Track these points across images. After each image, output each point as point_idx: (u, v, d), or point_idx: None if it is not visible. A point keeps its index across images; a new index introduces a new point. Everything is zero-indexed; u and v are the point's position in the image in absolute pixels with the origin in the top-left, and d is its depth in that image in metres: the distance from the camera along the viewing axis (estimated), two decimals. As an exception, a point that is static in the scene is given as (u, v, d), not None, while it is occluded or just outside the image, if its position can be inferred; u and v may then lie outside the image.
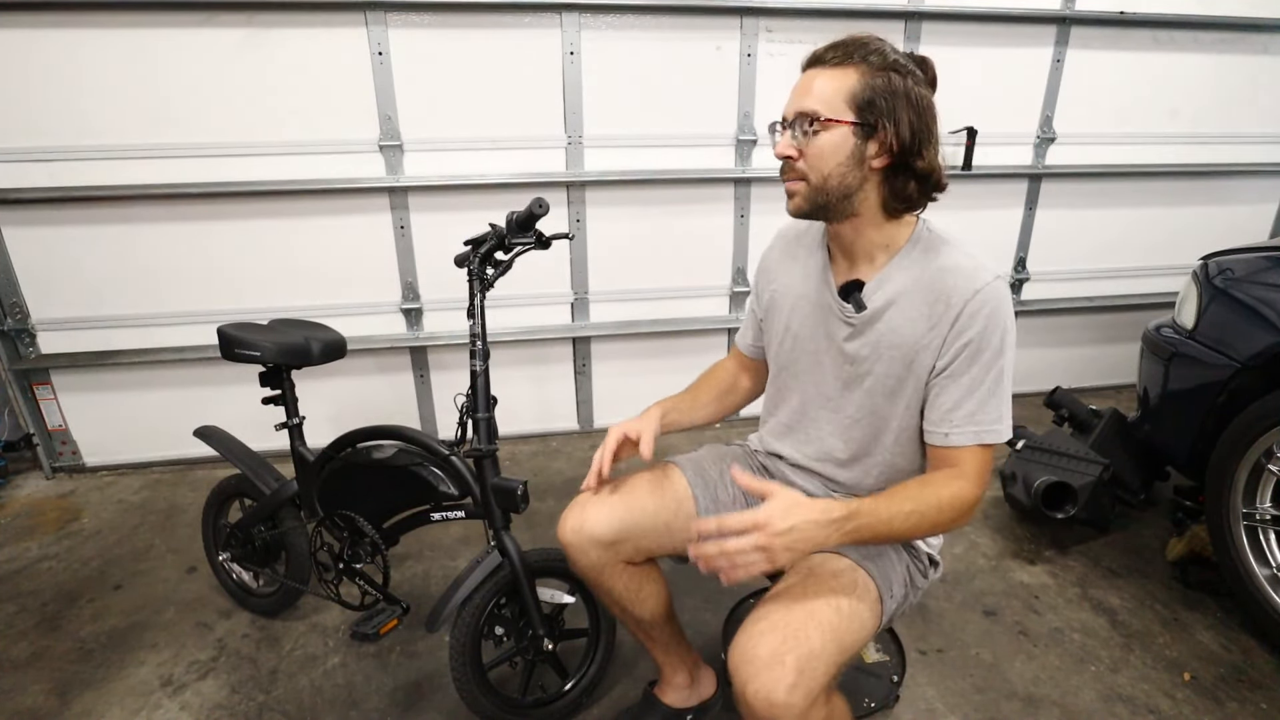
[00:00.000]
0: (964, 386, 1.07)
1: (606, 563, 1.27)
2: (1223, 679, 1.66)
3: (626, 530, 1.25)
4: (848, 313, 1.15)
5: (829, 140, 1.05)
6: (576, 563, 1.28)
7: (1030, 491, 2.11)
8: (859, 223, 1.12)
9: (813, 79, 1.06)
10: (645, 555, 1.31)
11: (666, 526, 1.27)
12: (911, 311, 1.10)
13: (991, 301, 1.05)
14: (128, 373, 2.65)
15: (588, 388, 2.99)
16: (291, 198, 2.53)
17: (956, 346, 1.07)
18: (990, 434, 1.08)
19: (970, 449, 1.08)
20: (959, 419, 1.08)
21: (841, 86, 1.04)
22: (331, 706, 1.62)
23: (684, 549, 1.29)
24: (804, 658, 0.96)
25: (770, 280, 1.33)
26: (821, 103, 1.04)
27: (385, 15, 2.40)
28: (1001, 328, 1.06)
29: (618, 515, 1.24)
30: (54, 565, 2.15)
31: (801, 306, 1.24)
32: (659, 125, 2.69)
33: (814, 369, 1.23)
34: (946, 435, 1.09)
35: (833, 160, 1.05)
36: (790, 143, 1.07)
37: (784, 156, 1.08)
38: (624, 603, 1.33)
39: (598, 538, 1.24)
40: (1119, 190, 3.14)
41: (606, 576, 1.29)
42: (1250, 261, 1.92)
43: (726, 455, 1.40)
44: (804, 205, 1.10)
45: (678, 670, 1.47)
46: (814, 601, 1.03)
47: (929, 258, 1.10)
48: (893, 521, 1.01)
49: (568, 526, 1.26)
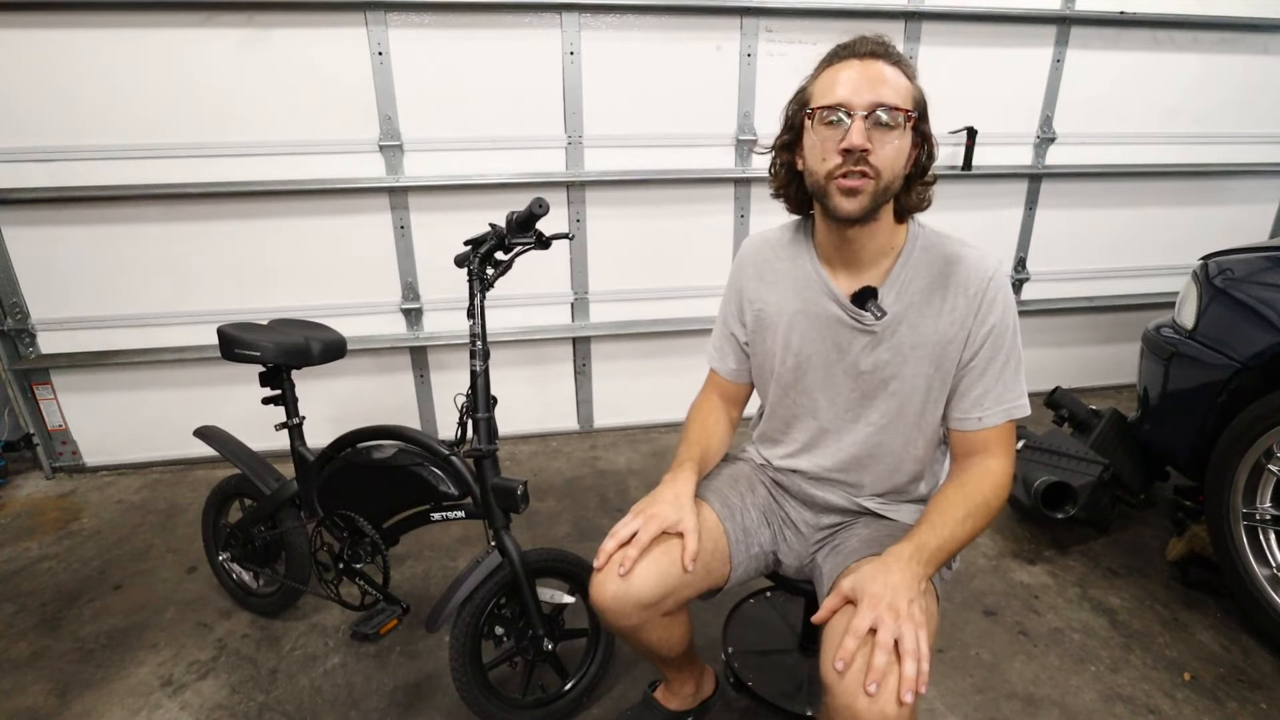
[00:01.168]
0: (994, 373, 1.10)
1: (646, 621, 1.17)
2: (1223, 679, 1.66)
3: (672, 586, 1.14)
4: (866, 322, 1.12)
5: (906, 140, 1.03)
6: (614, 625, 1.17)
7: (1030, 491, 2.11)
8: (876, 228, 1.10)
9: (883, 69, 1.01)
10: (683, 604, 1.23)
11: (705, 569, 1.18)
12: (931, 309, 1.10)
13: (1003, 286, 1.09)
14: (128, 373, 2.65)
15: (588, 388, 2.99)
16: (291, 198, 2.53)
17: (981, 334, 1.09)
18: (1018, 409, 1.12)
19: (1000, 428, 1.12)
20: (989, 402, 1.11)
21: (908, 87, 1.03)
22: (331, 706, 1.62)
23: (718, 584, 1.24)
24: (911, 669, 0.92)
25: (752, 300, 1.25)
26: (901, 98, 1.01)
27: (385, 15, 2.40)
28: (1012, 308, 1.11)
29: (664, 573, 1.13)
30: (54, 565, 2.15)
31: (800, 323, 1.19)
32: (659, 125, 2.69)
33: (826, 385, 1.20)
34: (980, 419, 1.12)
35: (901, 160, 1.04)
36: (865, 132, 1.00)
37: (862, 148, 0.99)
38: (655, 649, 1.27)
39: (643, 601, 1.12)
40: (1119, 190, 3.14)
41: (643, 632, 1.20)
42: (1250, 261, 1.92)
43: (739, 477, 1.34)
44: (868, 204, 1.03)
45: (685, 682, 1.46)
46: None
47: (934, 254, 1.11)
48: (955, 538, 1.04)
49: (608, 593, 1.12)
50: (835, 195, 1.04)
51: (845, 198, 1.03)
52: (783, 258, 1.22)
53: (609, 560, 1.13)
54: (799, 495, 1.31)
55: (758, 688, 1.53)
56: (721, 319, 1.34)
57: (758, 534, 1.28)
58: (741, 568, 1.26)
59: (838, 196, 1.04)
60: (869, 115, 1.00)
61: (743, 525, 1.26)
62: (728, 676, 1.61)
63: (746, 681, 1.55)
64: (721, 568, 1.23)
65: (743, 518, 1.27)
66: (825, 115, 1.02)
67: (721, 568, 1.23)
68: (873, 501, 1.25)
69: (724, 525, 1.24)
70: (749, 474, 1.36)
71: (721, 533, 1.23)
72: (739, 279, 1.28)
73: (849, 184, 1.02)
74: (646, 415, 3.07)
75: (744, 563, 1.26)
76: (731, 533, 1.24)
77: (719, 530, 1.23)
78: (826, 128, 1.03)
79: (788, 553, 1.30)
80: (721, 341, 1.35)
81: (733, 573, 1.24)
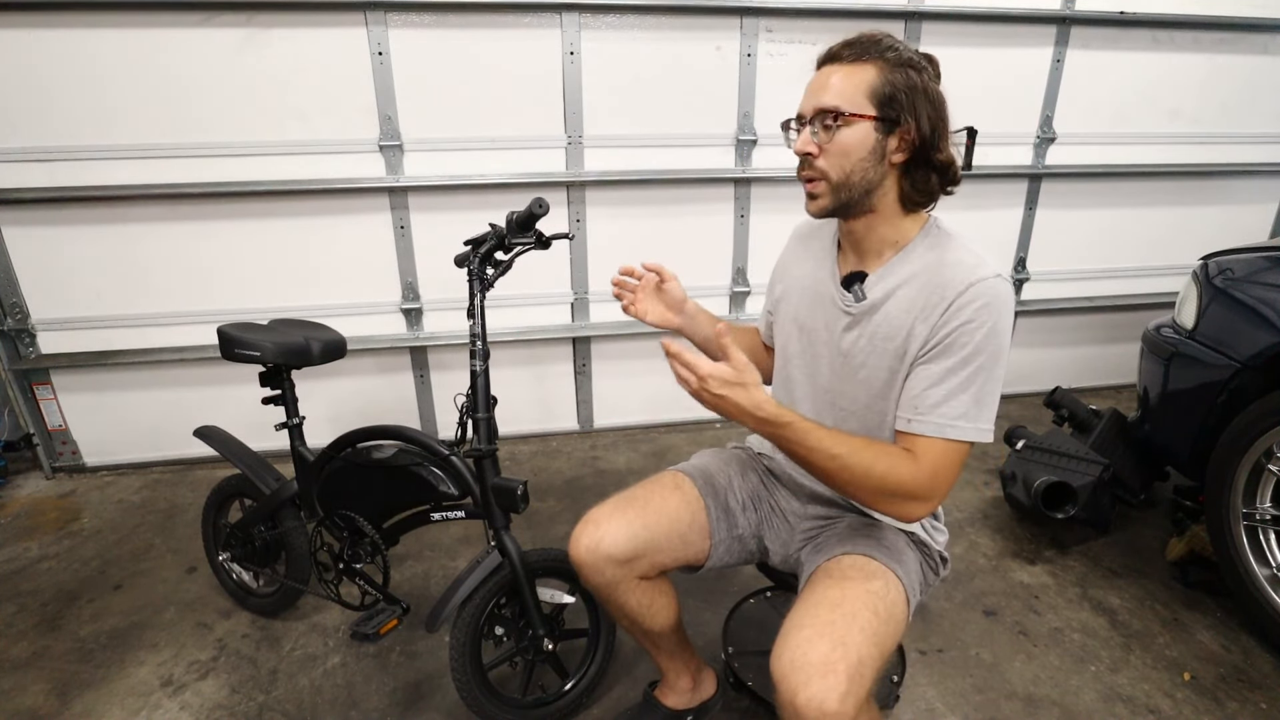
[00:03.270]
0: (933, 375, 1.04)
1: (621, 580, 1.23)
2: (1223, 679, 1.66)
3: (642, 547, 1.21)
4: (847, 302, 1.15)
5: (851, 136, 1.04)
6: (590, 580, 1.24)
7: (1030, 491, 2.11)
8: (874, 219, 1.11)
9: (829, 75, 1.05)
10: (659, 570, 1.28)
11: (681, 539, 1.25)
12: (905, 303, 1.09)
13: (983, 297, 1.01)
14: (128, 373, 2.65)
15: (588, 388, 2.99)
16: (291, 198, 2.53)
17: (940, 334, 1.04)
18: (953, 429, 1.02)
19: (929, 441, 1.03)
20: (924, 407, 1.04)
21: (861, 81, 1.03)
22: (331, 706, 1.62)
23: (696, 560, 1.28)
24: (854, 665, 0.94)
25: (782, 277, 1.34)
26: (842, 98, 1.03)
27: (385, 15, 2.40)
28: (989, 326, 1.01)
29: (634, 532, 1.21)
30: (54, 565, 2.15)
31: (805, 297, 1.24)
32: (659, 125, 2.68)
33: (812, 361, 1.23)
34: (909, 421, 1.06)
35: (855, 156, 1.05)
36: (810, 139, 1.06)
37: (804, 153, 1.07)
38: (635, 617, 1.30)
39: (614, 556, 1.20)
40: (1119, 190, 3.14)
41: (620, 593, 1.26)
42: (1250, 261, 1.92)
43: (731, 461, 1.39)
44: (827, 204, 1.09)
45: (681, 675, 1.47)
46: (855, 605, 1.01)
47: (934, 253, 1.10)
48: (814, 453, 0.99)
49: (581, 545, 1.21)
50: (806, 198, 1.12)
51: (808, 199, 1.12)
52: (816, 239, 1.28)
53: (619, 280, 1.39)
54: (787, 482, 1.33)
55: (758, 688, 1.53)
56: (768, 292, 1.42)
57: (742, 516, 1.31)
58: (723, 546, 1.29)
59: (806, 199, 1.12)
60: (813, 121, 1.06)
61: (725, 505, 1.30)
62: (728, 676, 1.61)
63: (746, 681, 1.55)
64: (700, 542, 1.27)
65: (727, 498, 1.31)
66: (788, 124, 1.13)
67: (700, 542, 1.27)
68: None
69: (705, 501, 1.29)
70: (744, 460, 1.40)
71: (701, 508, 1.28)
72: (784, 257, 1.37)
73: (807, 188, 1.11)
74: (646, 415, 3.07)
75: (725, 542, 1.29)
76: (712, 509, 1.28)
77: (698, 505, 1.28)
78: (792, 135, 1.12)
79: (774, 540, 1.33)
80: (765, 309, 1.45)
81: (713, 550, 1.28)
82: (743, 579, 2.01)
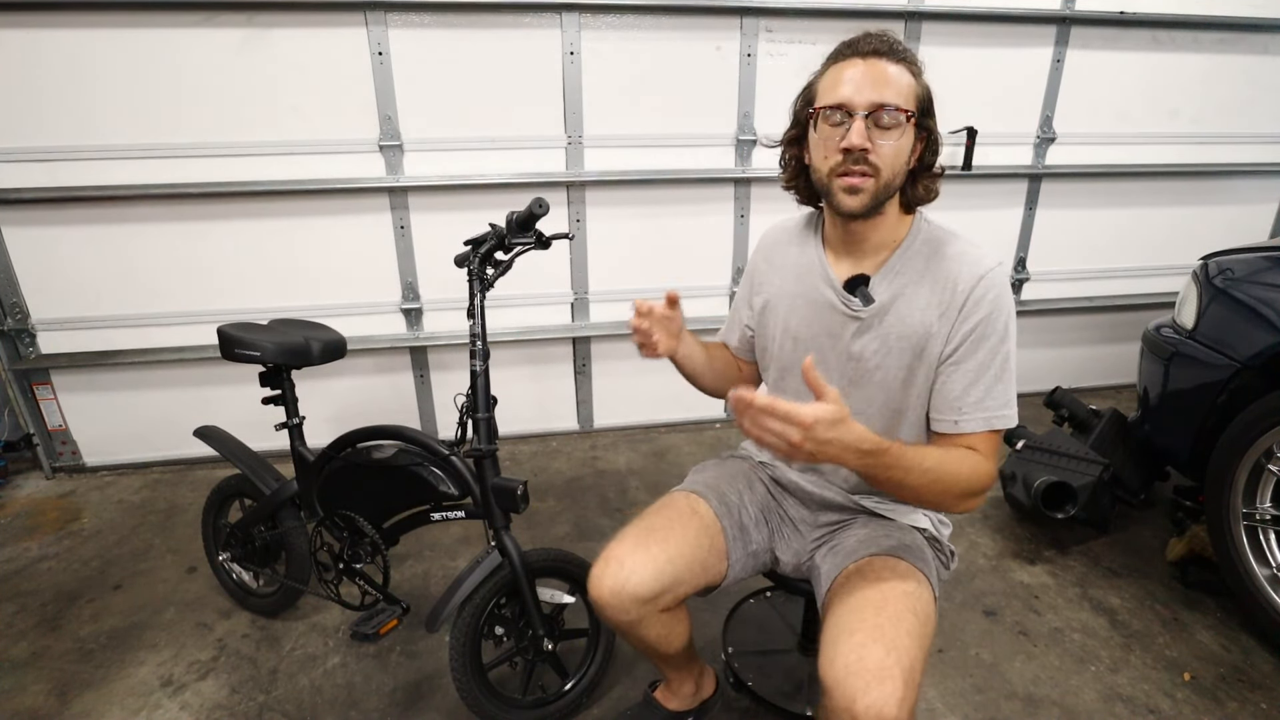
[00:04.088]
0: (971, 372, 1.07)
1: (645, 616, 1.19)
2: (1223, 679, 1.66)
3: (668, 583, 1.17)
4: (854, 307, 1.14)
5: (907, 138, 1.04)
6: (613, 620, 1.20)
7: (1030, 491, 2.11)
8: (881, 220, 1.11)
9: (886, 69, 1.02)
10: (681, 600, 1.24)
11: (702, 566, 1.21)
12: (919, 301, 1.10)
13: (996, 287, 1.06)
14: (128, 373, 2.65)
15: (588, 388, 2.99)
16: (291, 198, 2.53)
17: (963, 331, 1.06)
18: (999, 419, 1.07)
19: (981, 435, 1.08)
20: (968, 405, 1.07)
21: (910, 83, 1.03)
22: (331, 706, 1.62)
23: (714, 582, 1.25)
24: (907, 669, 0.93)
25: (761, 287, 1.30)
26: (901, 96, 1.02)
27: (385, 15, 2.40)
28: (1006, 313, 1.06)
29: (660, 568, 1.16)
30: (54, 565, 2.15)
31: (799, 307, 1.21)
32: (659, 125, 2.69)
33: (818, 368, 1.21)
34: (956, 423, 1.08)
35: (903, 158, 1.05)
36: (864, 133, 1.02)
37: (862, 148, 1.02)
38: (655, 646, 1.28)
39: (641, 597, 1.15)
40: (1119, 190, 3.14)
41: (642, 629, 1.22)
42: (1250, 261, 1.92)
43: (738, 474, 1.35)
44: (869, 202, 1.06)
45: (685, 682, 1.46)
46: (898, 608, 1.00)
47: (932, 248, 1.11)
48: (910, 473, 0.98)
49: (606, 587, 1.15)
50: (838, 192, 1.07)
51: (847, 195, 1.06)
52: (793, 245, 1.26)
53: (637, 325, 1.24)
54: (796, 491, 1.31)
55: (758, 688, 1.53)
56: (736, 301, 1.40)
57: (755, 531, 1.29)
58: (739, 564, 1.27)
59: (840, 194, 1.06)
60: (870, 115, 1.02)
61: (740, 523, 1.28)
62: (728, 676, 1.61)
63: (746, 681, 1.55)
64: (719, 564, 1.24)
65: (740, 515, 1.28)
66: (828, 114, 1.05)
67: (719, 564, 1.24)
68: (870, 500, 1.25)
69: (721, 523, 1.25)
70: (747, 471, 1.37)
71: (719, 530, 1.24)
72: (754, 263, 1.34)
73: (850, 181, 1.05)
74: (646, 415, 3.07)
75: (741, 560, 1.27)
76: (729, 530, 1.25)
77: (716, 528, 1.24)
78: (829, 126, 1.05)
79: (785, 550, 1.31)
80: (731, 320, 1.42)
81: (730, 570, 1.25)
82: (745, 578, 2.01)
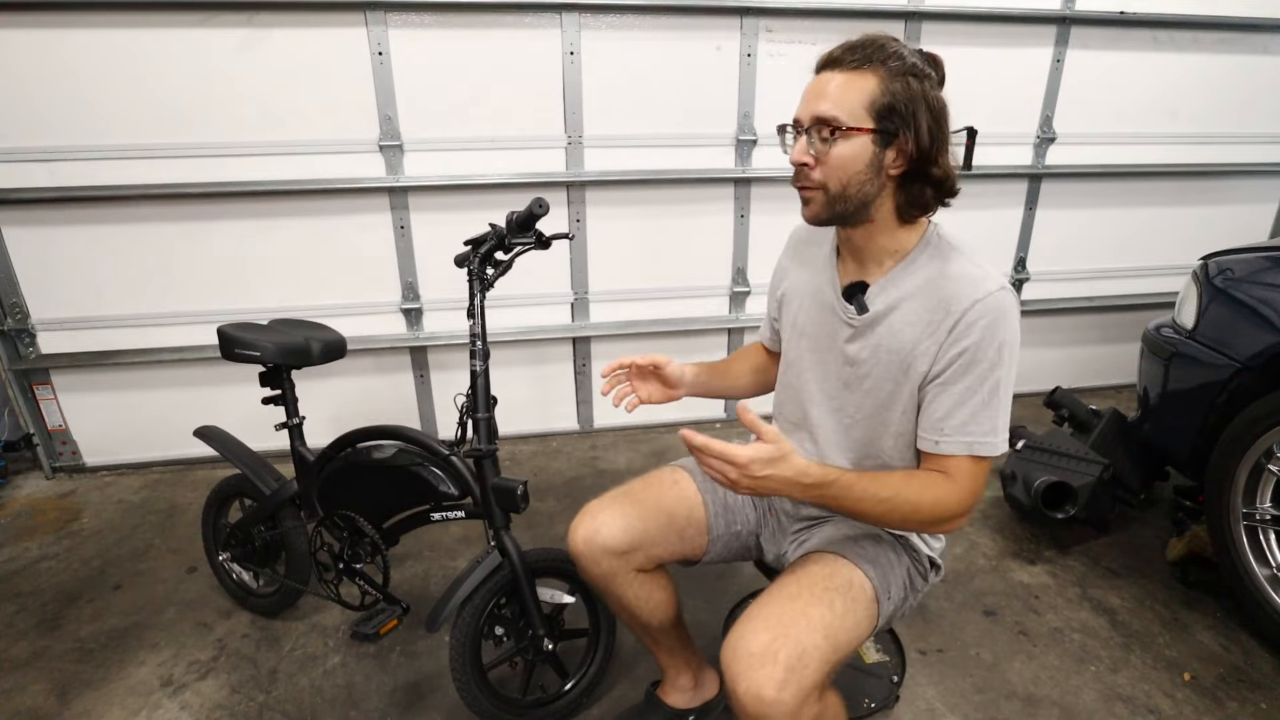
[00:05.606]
0: (956, 396, 1.04)
1: (618, 571, 1.25)
2: (1223, 679, 1.67)
3: (639, 539, 1.23)
4: (849, 314, 1.14)
5: (849, 149, 1.00)
6: (587, 571, 1.27)
7: (1030, 491, 2.11)
8: (872, 229, 1.09)
9: (829, 82, 1.01)
10: (656, 563, 1.30)
11: (679, 534, 1.27)
12: (911, 316, 1.08)
13: (991, 313, 1.01)
14: (128, 373, 2.65)
15: (588, 388, 2.99)
16: (292, 198, 2.53)
17: (951, 355, 1.03)
18: (982, 446, 1.04)
19: (961, 459, 1.05)
20: (950, 429, 1.05)
21: (861, 91, 0.99)
22: (331, 706, 1.62)
23: (694, 554, 1.30)
24: (794, 655, 0.96)
25: (782, 280, 1.33)
26: (841, 109, 1.00)
27: (385, 15, 2.40)
28: (999, 340, 1.01)
29: (630, 524, 1.23)
30: (54, 565, 2.15)
31: (807, 305, 1.23)
32: (659, 125, 2.68)
33: (818, 366, 1.22)
34: (937, 444, 1.07)
35: (852, 169, 1.02)
36: (805, 150, 1.03)
37: (799, 164, 1.04)
38: (633, 610, 1.32)
39: (610, 547, 1.22)
40: (1119, 190, 3.14)
41: (617, 585, 1.27)
42: (1250, 261, 1.92)
43: None
44: (820, 213, 1.07)
45: (682, 672, 1.47)
46: (808, 599, 1.03)
47: (936, 264, 1.08)
48: (862, 503, 1.01)
49: (579, 536, 1.24)
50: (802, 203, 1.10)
51: (803, 205, 1.09)
52: (816, 242, 1.26)
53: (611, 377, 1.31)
54: None
55: (758, 688, 1.53)
56: (770, 295, 1.40)
57: (741, 512, 1.32)
58: (721, 542, 1.30)
59: (802, 204, 1.10)
60: (810, 129, 1.03)
61: (724, 501, 1.31)
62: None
63: (746, 681, 1.55)
64: (698, 537, 1.28)
65: (725, 494, 1.31)
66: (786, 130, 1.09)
67: (698, 537, 1.28)
68: None
69: (703, 496, 1.30)
70: None
71: (700, 503, 1.29)
72: (783, 256, 1.35)
73: (802, 194, 1.08)
74: (646, 415, 3.07)
75: (723, 538, 1.30)
76: (711, 505, 1.29)
77: (697, 500, 1.29)
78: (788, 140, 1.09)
79: (769, 540, 1.34)
80: (766, 317, 1.42)
81: (710, 545, 1.30)
82: (742, 579, 2.01)
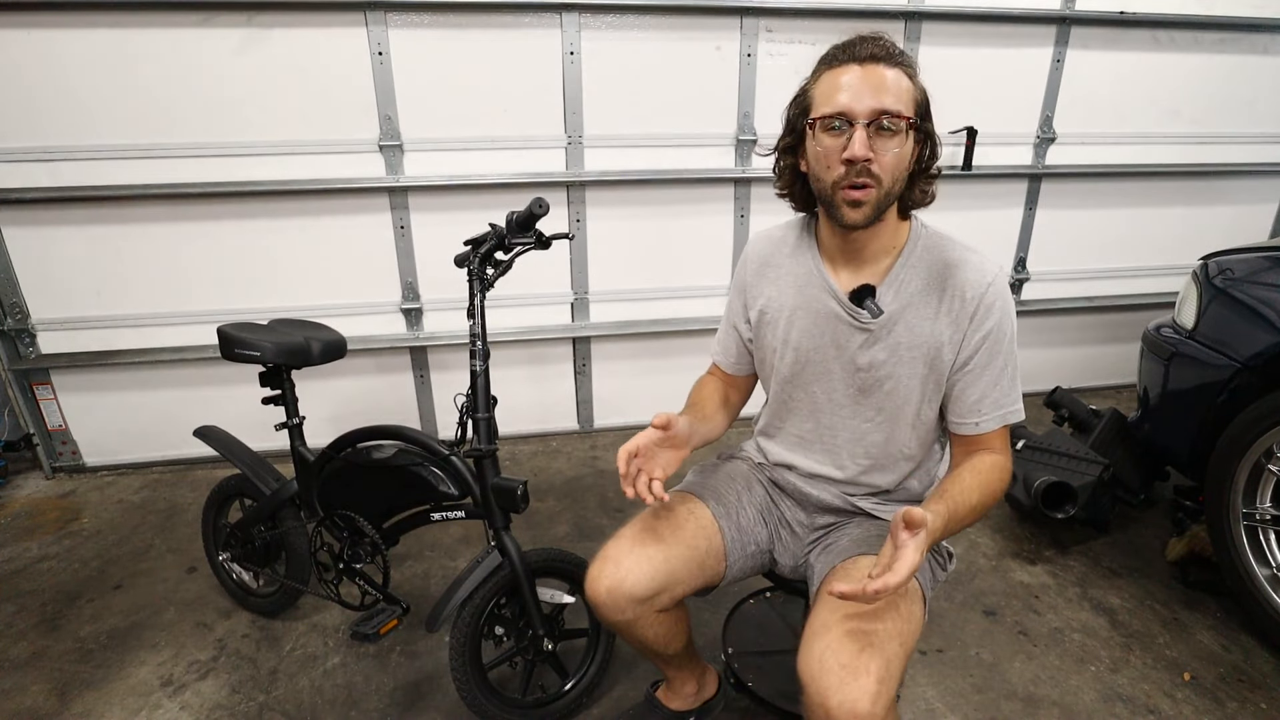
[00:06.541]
0: (988, 380, 1.11)
1: (641, 616, 1.19)
2: (1223, 679, 1.66)
3: (664, 582, 1.17)
4: (863, 319, 1.12)
5: (906, 144, 1.02)
6: (608, 619, 1.20)
7: (1030, 491, 2.11)
8: (881, 227, 1.09)
9: (883, 75, 0.99)
10: (678, 600, 1.24)
11: (700, 566, 1.21)
12: (927, 310, 1.10)
13: (1002, 293, 1.09)
14: (128, 373, 2.65)
15: (588, 388, 2.99)
16: (291, 198, 2.53)
17: (976, 340, 1.09)
18: (1013, 414, 1.13)
19: (998, 431, 1.14)
20: (986, 409, 1.12)
21: (908, 86, 1.01)
22: (331, 706, 1.62)
23: (713, 582, 1.25)
24: (883, 666, 0.93)
25: (755, 297, 1.26)
26: (901, 102, 0.99)
27: (385, 15, 2.40)
28: (1011, 316, 1.10)
29: (656, 568, 1.16)
30: (54, 565, 2.15)
31: (800, 318, 1.19)
32: (659, 125, 2.68)
33: (823, 379, 1.20)
34: (977, 424, 1.13)
35: (903, 165, 1.03)
36: (867, 144, 0.99)
37: (862, 159, 0.99)
38: (654, 648, 1.28)
39: (636, 596, 1.15)
40: (1119, 190, 3.14)
41: (639, 629, 1.22)
42: (1250, 261, 1.92)
43: (736, 475, 1.35)
44: (871, 214, 1.04)
45: (687, 681, 1.46)
46: (880, 606, 1.00)
47: (934, 255, 1.11)
48: (965, 520, 1.05)
49: (602, 587, 1.15)
50: (841, 206, 1.05)
51: (850, 208, 1.04)
52: (785, 254, 1.23)
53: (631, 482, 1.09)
54: (794, 494, 1.31)
55: (758, 688, 1.53)
56: (727, 315, 1.36)
57: (754, 532, 1.28)
58: (737, 565, 1.27)
59: (844, 207, 1.04)
60: (871, 123, 0.99)
61: (738, 524, 1.27)
62: (728, 677, 1.61)
63: (746, 682, 1.55)
64: (717, 565, 1.24)
65: (739, 516, 1.28)
66: (827, 123, 1.02)
67: (717, 565, 1.24)
68: (866, 501, 1.25)
69: (719, 523, 1.25)
70: (746, 473, 1.36)
71: (716, 530, 1.24)
72: (742, 275, 1.30)
73: (854, 195, 1.03)
74: (646, 415, 3.04)
75: (740, 560, 1.27)
76: (727, 531, 1.25)
77: (714, 528, 1.24)
78: (829, 136, 1.02)
79: (783, 552, 1.31)
80: (725, 336, 1.36)
81: (728, 570, 1.25)
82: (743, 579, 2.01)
